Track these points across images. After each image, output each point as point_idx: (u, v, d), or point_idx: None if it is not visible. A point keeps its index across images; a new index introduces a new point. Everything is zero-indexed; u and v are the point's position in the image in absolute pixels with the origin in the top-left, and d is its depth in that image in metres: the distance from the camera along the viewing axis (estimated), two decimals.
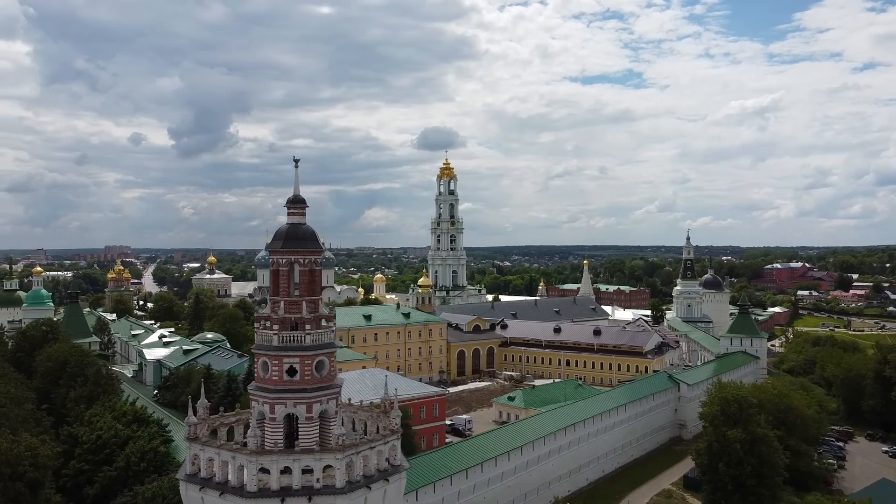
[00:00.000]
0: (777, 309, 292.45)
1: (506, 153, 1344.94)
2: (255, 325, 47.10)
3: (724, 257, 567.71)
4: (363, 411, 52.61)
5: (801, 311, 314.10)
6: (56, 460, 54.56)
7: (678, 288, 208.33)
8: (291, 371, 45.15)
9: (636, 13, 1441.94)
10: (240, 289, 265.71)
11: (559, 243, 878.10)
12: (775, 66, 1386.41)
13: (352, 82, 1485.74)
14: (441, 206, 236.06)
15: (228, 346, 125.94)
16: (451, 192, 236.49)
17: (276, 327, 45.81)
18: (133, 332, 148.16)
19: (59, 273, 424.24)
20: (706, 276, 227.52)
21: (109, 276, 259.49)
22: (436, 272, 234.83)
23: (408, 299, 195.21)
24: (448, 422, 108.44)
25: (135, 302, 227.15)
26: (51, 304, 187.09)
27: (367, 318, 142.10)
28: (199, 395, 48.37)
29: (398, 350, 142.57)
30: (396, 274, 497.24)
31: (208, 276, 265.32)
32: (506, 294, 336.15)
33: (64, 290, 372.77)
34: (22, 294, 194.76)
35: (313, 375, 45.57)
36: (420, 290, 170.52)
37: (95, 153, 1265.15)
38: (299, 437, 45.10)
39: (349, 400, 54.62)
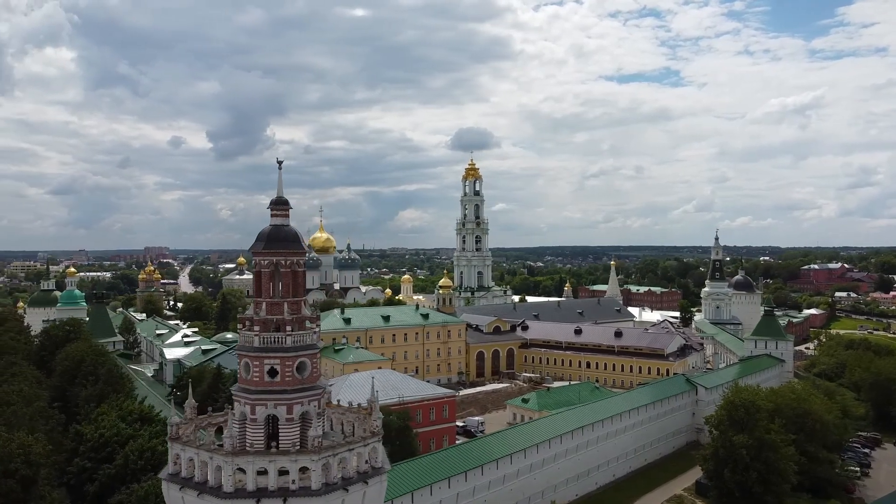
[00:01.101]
0: (813, 311, 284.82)
1: (540, 153, 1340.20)
2: (239, 326, 47.34)
3: (762, 258, 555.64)
4: (351, 413, 52.40)
5: (838, 314, 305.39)
6: (49, 458, 55.57)
7: (706, 289, 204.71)
8: (272, 372, 45.18)
9: (673, 10, 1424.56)
10: None
11: (594, 244, 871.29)
12: (817, 63, 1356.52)
13: (386, 84, 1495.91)
14: (466, 206, 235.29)
15: None
16: (477, 193, 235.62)
17: (257, 328, 46.00)
18: (158, 332, 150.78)
19: (98, 274, 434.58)
20: (737, 276, 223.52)
21: (141, 276, 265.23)
22: (461, 273, 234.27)
23: (434, 300, 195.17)
24: (460, 423, 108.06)
25: (165, 302, 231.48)
26: (84, 304, 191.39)
27: (386, 318, 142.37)
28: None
29: (416, 351, 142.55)
30: (428, 275, 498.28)
31: (238, 276, 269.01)
32: (535, 295, 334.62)
33: (101, 290, 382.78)
34: (58, 294, 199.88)
35: (294, 377, 45.52)
36: (441, 291, 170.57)
37: (137, 156, 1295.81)
38: (279, 438, 45.22)
39: (338, 401, 54.55)
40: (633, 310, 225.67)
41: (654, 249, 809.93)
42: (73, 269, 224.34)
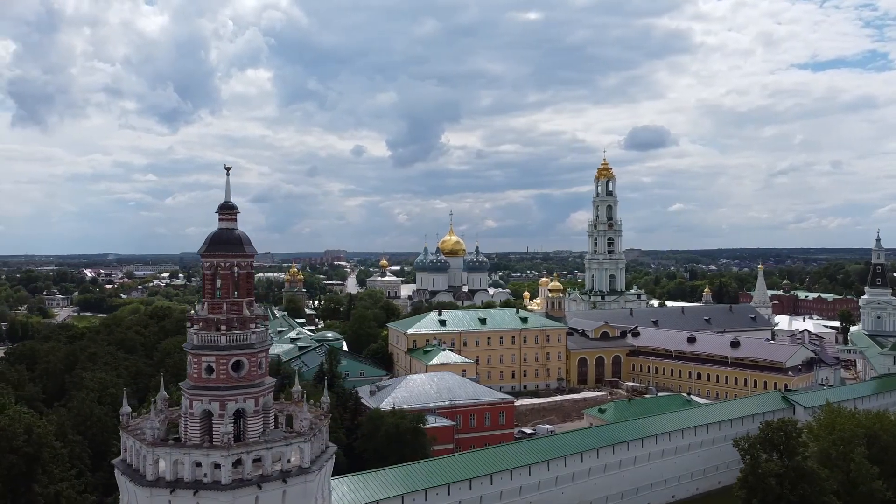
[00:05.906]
0: None
1: (722, 150, 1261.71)
2: (187, 324, 50.07)
3: None
4: (310, 411, 53.27)
5: None
6: (51, 437, 61.74)
7: (865, 297, 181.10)
8: (209, 369, 47.42)
9: None
10: (409, 290, 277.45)
11: (782, 245, 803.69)
12: None
13: (558, 86, 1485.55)
14: (598, 208, 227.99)
15: (343, 344, 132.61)
16: (609, 194, 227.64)
17: (196, 327, 48.41)
18: (279, 329, 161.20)
19: (276, 275, 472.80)
20: None
21: (286, 277, 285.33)
22: (592, 276, 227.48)
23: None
24: (529, 430, 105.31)
25: (308, 301, 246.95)
26: None
27: (482, 321, 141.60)
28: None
29: (512, 355, 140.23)
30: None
31: (380, 278, 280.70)
32: (691, 300, 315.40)
33: (278, 290, 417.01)
34: None
35: (229, 374, 47.36)
36: (550, 294, 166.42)
37: (323, 165, 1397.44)
38: (212, 432, 47.24)
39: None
40: (782, 318, 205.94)
41: (852, 252, 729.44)
42: None
